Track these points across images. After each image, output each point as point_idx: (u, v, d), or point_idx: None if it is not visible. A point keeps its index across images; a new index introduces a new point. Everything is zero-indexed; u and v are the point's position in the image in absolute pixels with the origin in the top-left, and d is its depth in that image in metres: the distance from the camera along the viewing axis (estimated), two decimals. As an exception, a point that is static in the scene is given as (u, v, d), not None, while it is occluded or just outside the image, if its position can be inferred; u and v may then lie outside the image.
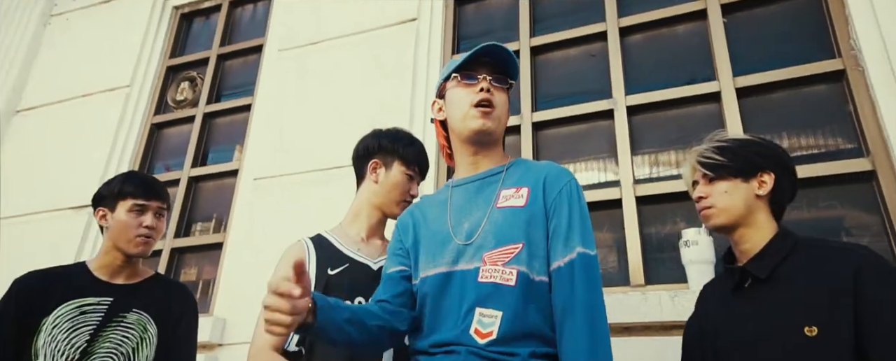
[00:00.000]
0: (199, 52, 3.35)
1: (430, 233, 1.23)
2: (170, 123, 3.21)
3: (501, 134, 1.26)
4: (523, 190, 1.16)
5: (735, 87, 2.15)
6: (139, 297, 1.56)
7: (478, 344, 1.04)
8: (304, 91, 2.82)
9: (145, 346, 1.52)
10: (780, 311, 1.09)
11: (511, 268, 1.08)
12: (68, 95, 3.37)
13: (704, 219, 1.23)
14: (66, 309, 1.48)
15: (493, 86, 1.20)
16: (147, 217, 1.55)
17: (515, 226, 1.11)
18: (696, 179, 1.26)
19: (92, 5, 3.67)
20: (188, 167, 2.98)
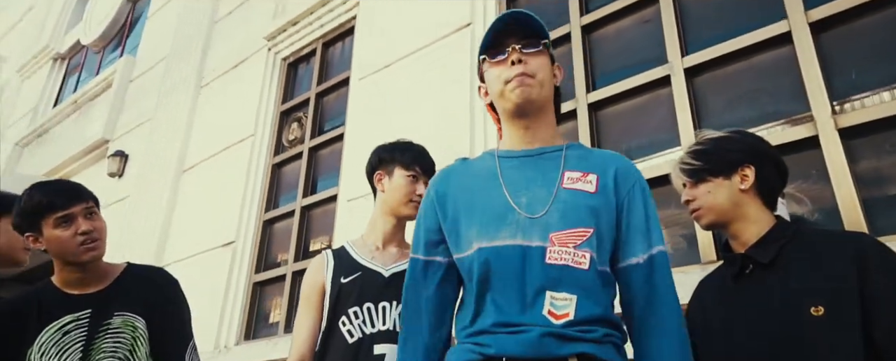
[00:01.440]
0: (303, 94, 3.76)
1: (479, 203, 1.14)
2: (285, 162, 3.65)
3: (548, 99, 1.16)
4: (591, 176, 1.11)
5: (809, 22, 1.83)
6: (117, 299, 1.49)
7: (553, 325, 1.00)
8: (382, 111, 3.02)
9: (140, 344, 1.49)
10: (784, 293, 1.10)
11: (584, 252, 1.03)
12: (215, 151, 4.02)
13: (696, 220, 1.26)
14: (47, 336, 1.44)
15: (524, 53, 1.12)
16: (78, 224, 1.44)
17: (585, 210, 1.07)
18: (683, 183, 1.28)
19: (226, 72, 4.34)
20: (300, 198, 3.36)
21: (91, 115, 5.72)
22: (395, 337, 1.37)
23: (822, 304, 1.04)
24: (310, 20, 3.82)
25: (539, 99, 1.12)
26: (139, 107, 5.06)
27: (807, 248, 1.13)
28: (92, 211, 1.49)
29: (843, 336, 1.02)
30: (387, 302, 1.49)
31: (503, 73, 1.12)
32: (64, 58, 7.31)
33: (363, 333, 1.46)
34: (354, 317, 1.49)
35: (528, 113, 1.13)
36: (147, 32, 5.67)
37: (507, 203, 1.09)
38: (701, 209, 1.23)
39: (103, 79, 5.71)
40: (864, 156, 1.67)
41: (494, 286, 1.06)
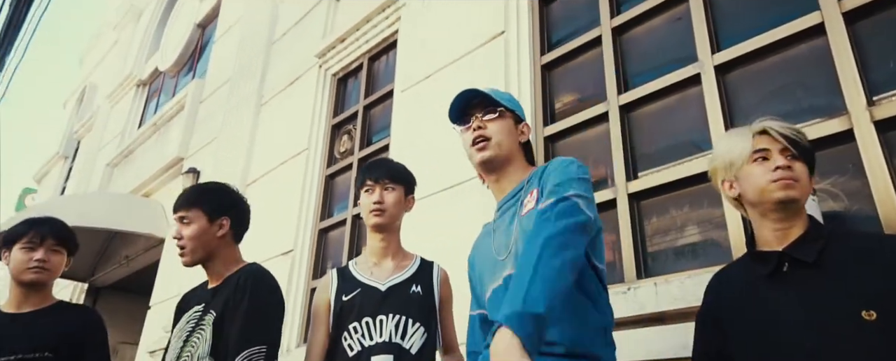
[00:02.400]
0: (352, 108, 3.93)
1: (483, 259, 1.38)
2: (337, 173, 3.83)
3: (510, 154, 1.35)
4: (534, 191, 1.25)
5: (842, 12, 1.77)
6: (217, 297, 1.62)
7: None
8: (423, 121, 3.12)
9: (204, 341, 1.57)
10: (833, 296, 1.09)
11: None
12: (274, 165, 4.27)
13: (784, 188, 1.18)
14: (181, 321, 1.65)
15: (484, 120, 1.34)
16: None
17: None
18: (766, 147, 1.23)
19: (282, 90, 4.59)
20: (351, 207, 3.52)
21: (168, 136, 6.20)
22: (392, 348, 1.54)
23: (874, 309, 1.03)
24: (356, 36, 4.00)
25: (497, 156, 1.32)
26: (208, 127, 5.44)
27: (848, 250, 1.13)
28: (184, 219, 1.65)
29: (894, 339, 1.01)
30: (383, 315, 1.59)
31: (468, 137, 1.35)
32: (145, 83, 7.95)
33: (362, 346, 1.56)
34: (354, 332, 1.59)
35: (494, 169, 1.35)
36: (214, 56, 6.08)
37: (492, 253, 1.32)
38: (797, 183, 1.19)
39: (177, 102, 6.18)
40: (902, 149, 1.59)
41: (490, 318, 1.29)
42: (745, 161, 1.24)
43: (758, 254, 1.23)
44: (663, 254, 2.02)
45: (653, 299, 1.84)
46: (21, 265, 1.83)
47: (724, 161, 1.28)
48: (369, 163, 1.81)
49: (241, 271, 1.65)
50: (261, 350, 1.51)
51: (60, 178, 9.42)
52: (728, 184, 1.30)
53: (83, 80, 10.49)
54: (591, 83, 2.48)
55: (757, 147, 1.23)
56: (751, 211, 1.28)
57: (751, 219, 1.29)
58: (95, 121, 8.61)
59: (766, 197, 1.20)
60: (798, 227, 1.20)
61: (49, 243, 1.86)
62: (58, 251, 1.89)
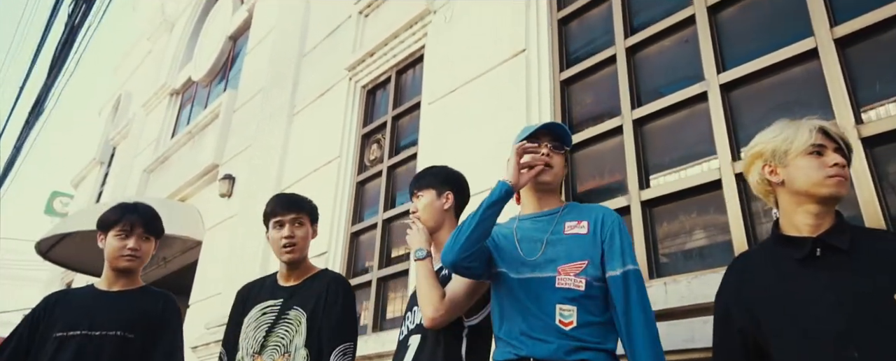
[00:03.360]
0: (381, 118, 4.18)
1: (503, 250, 1.61)
2: (368, 179, 4.07)
3: (558, 184, 1.67)
4: (584, 222, 1.56)
5: (833, 38, 1.95)
6: (299, 295, 1.89)
7: (564, 330, 1.44)
8: (449, 132, 3.35)
9: (298, 334, 1.83)
10: (864, 281, 1.17)
11: (581, 278, 1.48)
12: (307, 172, 4.53)
13: (837, 185, 1.25)
14: (255, 311, 1.91)
15: (553, 151, 1.61)
16: (284, 229, 1.91)
17: (581, 248, 1.52)
18: (823, 143, 1.29)
19: (313, 101, 4.86)
20: (381, 212, 3.77)
21: (202, 143, 6.52)
22: (420, 329, 1.74)
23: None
24: (384, 51, 4.25)
25: (552, 183, 1.62)
26: (242, 135, 5.74)
27: (872, 241, 1.24)
28: (300, 221, 1.94)
29: None
30: (417, 306, 1.78)
31: (530, 157, 1.55)
32: (178, 93, 8.31)
33: (404, 332, 1.81)
34: (407, 319, 1.84)
35: (543, 191, 1.64)
36: (246, 68, 6.39)
37: (517, 252, 1.57)
38: (847, 181, 1.27)
39: (211, 111, 6.50)
40: (885, 162, 1.77)
41: (512, 306, 1.51)
42: (802, 152, 1.28)
43: (787, 239, 1.29)
44: (673, 256, 2.22)
45: (662, 297, 2.04)
46: (115, 252, 1.96)
47: (777, 148, 1.32)
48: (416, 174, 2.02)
49: (325, 275, 1.98)
50: (350, 346, 1.84)
51: (97, 183, 9.85)
52: (769, 169, 1.33)
53: (118, 89, 10.93)
54: (607, 98, 2.69)
55: (815, 141, 1.28)
56: (788, 198, 1.31)
57: (782, 206, 1.34)
58: (131, 129, 9.01)
59: (818, 190, 1.25)
60: (829, 219, 1.27)
61: (139, 232, 1.97)
62: (148, 239, 2.01)
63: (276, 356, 1.83)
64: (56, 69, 5.50)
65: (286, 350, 1.82)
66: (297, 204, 1.98)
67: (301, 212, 1.96)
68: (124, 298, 1.98)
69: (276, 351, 1.83)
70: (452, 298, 1.64)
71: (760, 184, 1.37)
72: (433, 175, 1.95)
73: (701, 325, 1.88)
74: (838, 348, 1.14)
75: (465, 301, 1.66)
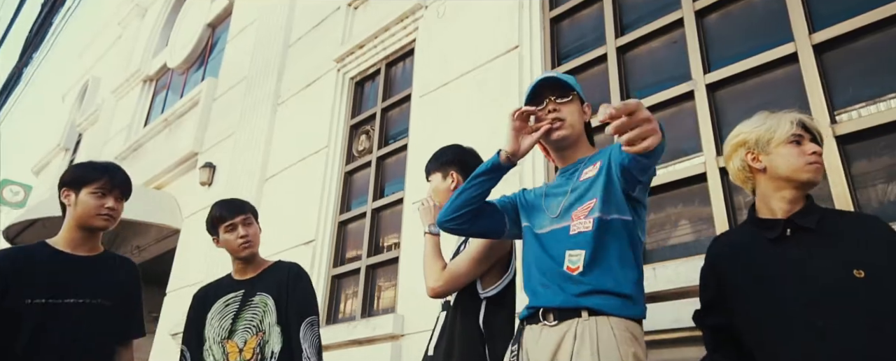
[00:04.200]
0: (369, 110, 4.24)
1: (531, 206, 1.61)
2: (356, 169, 4.13)
3: (578, 135, 1.56)
4: (597, 163, 1.48)
5: (812, 44, 2.12)
6: (260, 283, 2.05)
7: (571, 276, 1.39)
8: (440, 125, 3.44)
9: (268, 314, 1.99)
10: (829, 257, 1.28)
11: (589, 218, 1.41)
12: (293, 161, 4.55)
13: (816, 172, 1.37)
14: (217, 306, 2.06)
15: (558, 104, 1.53)
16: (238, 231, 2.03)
17: (592, 189, 1.45)
18: (801, 134, 1.41)
19: (299, 91, 4.88)
20: (370, 202, 3.83)
21: (180, 132, 6.44)
22: (447, 306, 1.81)
23: (863, 268, 1.23)
24: (374, 44, 4.30)
25: (570, 136, 1.53)
26: (223, 123, 5.70)
27: (838, 221, 1.35)
28: (248, 221, 2.07)
29: (880, 295, 1.21)
30: None
31: (548, 117, 1.53)
32: (152, 79, 8.15)
33: (442, 307, 1.88)
34: None
35: (565, 146, 1.56)
36: (227, 56, 6.33)
37: (542, 206, 1.57)
38: (822, 167, 1.39)
39: (190, 99, 6.41)
40: (856, 159, 1.95)
41: (534, 258, 1.51)
42: (784, 141, 1.39)
43: (761, 221, 1.42)
44: (661, 244, 2.37)
45: (652, 281, 2.17)
46: (91, 210, 1.85)
47: (759, 136, 1.43)
48: None
49: (281, 264, 2.14)
50: (315, 318, 2.03)
51: (61, 170, 9.55)
52: (752, 156, 1.44)
53: (85, 74, 10.62)
54: (598, 95, 2.82)
55: (794, 131, 1.39)
56: (768, 184, 1.42)
57: (760, 191, 1.45)
58: (100, 115, 8.78)
59: (798, 175, 1.36)
60: (800, 203, 1.39)
61: (116, 193, 1.90)
62: (120, 200, 1.93)
63: (248, 336, 1.98)
64: (27, 53, 5.34)
65: (259, 329, 1.97)
66: (242, 207, 2.10)
67: (247, 213, 2.09)
68: (97, 264, 1.91)
69: (248, 332, 1.98)
70: (453, 270, 1.72)
71: (741, 172, 1.48)
72: (436, 158, 2.05)
73: (686, 307, 2.00)
74: (805, 317, 1.25)
75: (467, 274, 1.73)
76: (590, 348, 1.29)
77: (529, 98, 1.58)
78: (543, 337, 1.39)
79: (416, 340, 2.97)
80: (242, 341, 1.99)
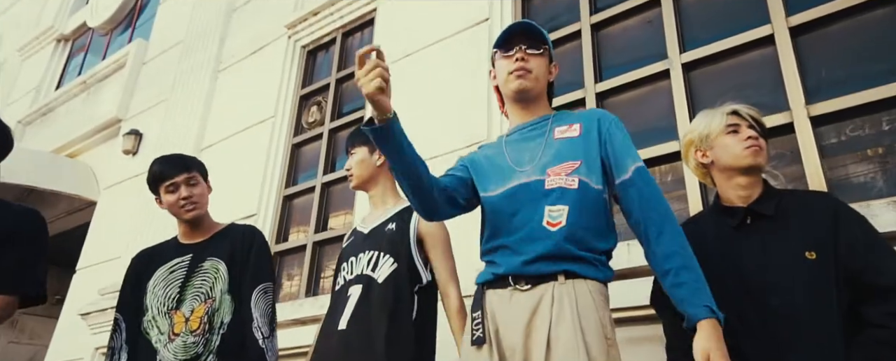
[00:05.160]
0: (322, 80, 4.01)
1: (490, 164, 1.49)
2: (305, 142, 3.89)
3: (542, 90, 1.49)
4: (575, 125, 1.43)
5: (788, 27, 2.16)
6: (210, 248, 1.89)
7: (550, 232, 1.31)
8: (405, 96, 3.28)
9: (219, 282, 1.82)
10: (785, 241, 1.38)
11: (573, 177, 1.35)
12: (234, 131, 4.24)
13: (754, 154, 1.46)
14: (160, 272, 1.87)
15: (528, 53, 1.45)
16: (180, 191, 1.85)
17: (573, 150, 1.39)
18: (737, 122, 1.51)
19: (245, 57, 4.56)
20: (320, 176, 3.62)
21: (101, 96, 5.87)
22: (362, 279, 1.73)
23: (814, 249, 1.33)
24: (330, 11, 4.08)
25: (533, 89, 1.46)
26: (153, 89, 5.24)
27: (793, 204, 1.43)
28: (193, 180, 1.87)
29: (829, 273, 1.31)
30: (362, 253, 1.79)
31: (509, 65, 1.46)
32: (68, 39, 7.41)
33: (344, 280, 1.78)
34: (343, 270, 1.83)
35: (525, 99, 1.49)
36: (160, 17, 5.84)
37: (507, 164, 1.45)
38: (763, 151, 1.48)
39: (114, 61, 5.87)
40: (829, 139, 2.00)
41: (504, 217, 1.39)
42: (721, 133, 1.51)
43: (725, 209, 1.51)
44: (632, 220, 2.35)
45: (625, 258, 2.14)
46: None
47: (701, 133, 1.55)
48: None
49: (235, 227, 1.97)
50: (269, 285, 1.86)
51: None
52: (700, 153, 1.57)
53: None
54: (570, 71, 2.78)
55: (729, 122, 1.51)
56: (719, 175, 1.54)
57: (717, 182, 1.56)
58: (2, 75, 7.89)
59: (739, 161, 1.47)
60: (757, 188, 1.48)
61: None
62: None
63: (196, 305, 1.80)
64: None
65: (208, 296, 1.80)
66: (185, 164, 1.91)
67: (192, 171, 1.90)
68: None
69: (197, 300, 1.80)
70: (452, 270, 1.76)
71: (697, 169, 1.60)
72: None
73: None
74: (762, 297, 1.35)
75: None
76: (570, 313, 1.24)
77: (499, 43, 1.50)
78: (516, 302, 1.31)
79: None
80: (190, 310, 1.79)
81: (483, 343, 1.31)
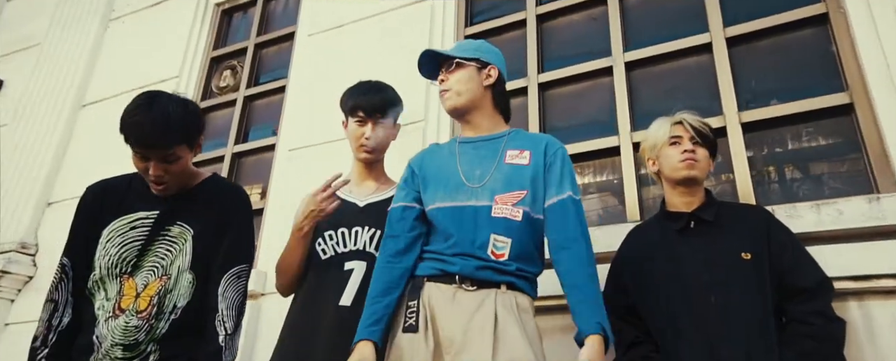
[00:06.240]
0: (239, 43, 3.67)
1: (440, 174, 1.55)
2: (214, 107, 3.54)
3: (473, 101, 1.57)
4: (526, 152, 1.51)
5: (725, 37, 2.29)
6: (184, 208, 1.56)
7: (492, 261, 1.42)
8: (332, 70, 3.08)
9: (182, 256, 1.52)
10: (723, 243, 1.51)
11: (518, 208, 1.44)
12: (126, 89, 3.75)
13: (688, 167, 1.59)
14: (118, 225, 1.53)
15: (447, 73, 1.57)
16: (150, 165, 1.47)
17: (521, 178, 1.47)
18: (679, 134, 1.63)
19: (144, 8, 4.06)
20: (231, 145, 3.30)
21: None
22: (365, 256, 1.64)
23: (749, 252, 1.47)
24: (251, -31, 3.75)
25: (460, 106, 1.56)
26: (21, 30, 4.53)
27: (732, 212, 1.59)
28: (173, 156, 1.48)
29: (761, 274, 1.45)
30: (359, 227, 1.68)
31: (439, 90, 1.59)
32: None
33: (335, 252, 1.65)
34: (329, 239, 1.68)
35: (459, 116, 1.60)
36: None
37: (459, 175, 1.52)
38: (698, 163, 1.60)
39: (-29, -6, 4.98)
40: (758, 145, 2.14)
41: (448, 229, 1.47)
42: (664, 143, 1.64)
43: (670, 215, 1.64)
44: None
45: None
46: None
47: (650, 143, 1.68)
48: (361, 90, 1.79)
49: (216, 183, 1.65)
50: (245, 267, 1.57)
51: None
52: (651, 162, 1.70)
53: None
54: (513, 60, 2.75)
55: (673, 134, 1.63)
56: (665, 183, 1.68)
57: (664, 188, 1.69)
58: None
59: (675, 173, 1.61)
60: (699, 196, 1.62)
61: None
62: None
63: (151, 279, 1.49)
64: None
65: (165, 272, 1.50)
66: (168, 135, 1.44)
67: (172, 147, 1.46)
68: None
69: (152, 274, 1.50)
70: None
71: (654, 175, 1.75)
72: (388, 93, 1.82)
73: (601, 271, 2.03)
74: (702, 294, 1.47)
75: None
76: (514, 316, 1.36)
77: (426, 75, 1.65)
78: (459, 300, 1.40)
79: (279, 301, 2.59)
80: (143, 284, 1.48)
81: (414, 332, 1.38)
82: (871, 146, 1.89)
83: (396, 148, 2.52)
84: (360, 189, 1.78)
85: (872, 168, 1.87)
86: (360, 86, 1.82)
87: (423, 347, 1.35)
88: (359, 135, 1.74)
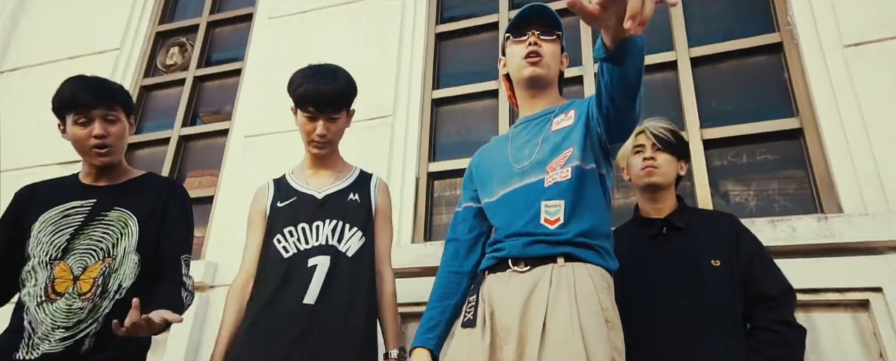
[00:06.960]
0: (189, 20, 3.46)
1: (492, 167, 1.50)
2: (160, 86, 3.31)
3: (554, 77, 1.49)
4: (571, 112, 1.41)
5: (690, 57, 2.42)
6: (122, 196, 1.60)
7: (543, 232, 1.28)
8: (293, 57, 2.97)
9: (126, 238, 1.55)
10: (693, 250, 1.56)
11: (567, 167, 1.32)
12: (54, 57, 3.44)
13: (646, 175, 1.63)
14: (50, 215, 1.55)
15: (541, 39, 1.43)
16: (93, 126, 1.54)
17: (568, 138, 1.36)
18: (642, 143, 1.67)
19: (79, -29, 3.72)
20: (178, 127, 3.11)
21: None
22: (328, 250, 1.60)
23: (718, 258, 1.52)
24: (207, -58, 3.53)
25: (545, 76, 1.45)
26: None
27: (702, 219, 1.64)
28: (113, 116, 1.56)
29: (730, 280, 1.50)
30: (320, 221, 1.64)
31: (522, 50, 1.44)
32: None
33: (297, 249, 1.61)
34: (289, 236, 1.63)
35: (536, 86, 1.47)
36: None
37: (508, 160, 1.45)
38: (659, 169, 1.63)
39: None
40: (716, 161, 2.28)
41: (506, 216, 1.39)
42: (630, 152, 1.69)
43: (643, 220, 1.69)
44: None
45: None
46: None
47: (622, 152, 1.71)
48: (308, 86, 1.64)
49: (153, 178, 1.72)
50: (188, 256, 1.64)
51: None
52: (624, 171, 1.75)
53: None
54: (483, 60, 2.77)
55: (636, 142, 1.68)
56: (636, 190, 1.75)
57: (637, 195, 1.75)
58: None
59: (637, 181, 1.68)
60: (670, 202, 1.67)
61: None
62: None
63: (90, 261, 1.52)
64: None
65: (108, 253, 1.53)
66: (110, 93, 1.58)
67: (114, 104, 1.58)
68: None
69: (91, 257, 1.52)
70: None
71: (629, 183, 1.78)
72: (348, 85, 1.75)
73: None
74: (674, 296, 1.51)
75: None
76: (567, 294, 1.21)
77: (511, 27, 1.49)
78: (513, 284, 1.28)
79: (230, 296, 2.48)
80: (81, 267, 1.48)
81: (472, 326, 1.28)
82: (817, 169, 2.06)
83: (361, 144, 2.49)
84: (318, 180, 1.72)
85: (818, 190, 2.04)
86: (310, 73, 1.67)
87: (480, 341, 1.25)
88: (310, 130, 1.66)
